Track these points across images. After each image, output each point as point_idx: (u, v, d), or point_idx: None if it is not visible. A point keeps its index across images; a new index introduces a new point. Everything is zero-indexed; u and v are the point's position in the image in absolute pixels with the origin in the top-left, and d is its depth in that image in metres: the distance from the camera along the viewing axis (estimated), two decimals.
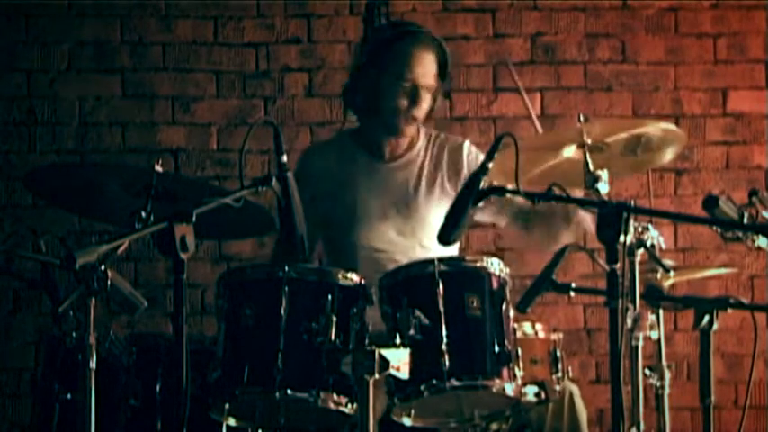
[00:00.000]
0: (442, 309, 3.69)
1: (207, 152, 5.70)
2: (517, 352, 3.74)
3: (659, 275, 4.12)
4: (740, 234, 3.88)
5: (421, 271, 3.77)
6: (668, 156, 4.17)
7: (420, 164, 4.58)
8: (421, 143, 4.61)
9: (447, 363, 3.65)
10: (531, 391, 3.77)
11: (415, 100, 4.43)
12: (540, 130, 4.38)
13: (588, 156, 3.92)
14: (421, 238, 4.47)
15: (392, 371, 3.57)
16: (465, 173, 4.48)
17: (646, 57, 5.77)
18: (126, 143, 5.68)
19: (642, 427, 3.74)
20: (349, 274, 3.78)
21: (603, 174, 3.90)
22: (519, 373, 3.72)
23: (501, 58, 5.72)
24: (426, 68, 4.44)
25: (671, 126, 4.11)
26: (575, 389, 4.14)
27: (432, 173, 4.57)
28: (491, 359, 3.70)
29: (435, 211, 4.44)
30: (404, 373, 3.60)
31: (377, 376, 3.57)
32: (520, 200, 3.87)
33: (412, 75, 4.42)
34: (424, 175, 4.56)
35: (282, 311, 3.69)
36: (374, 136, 4.55)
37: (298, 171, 4.51)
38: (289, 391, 3.64)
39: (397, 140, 4.55)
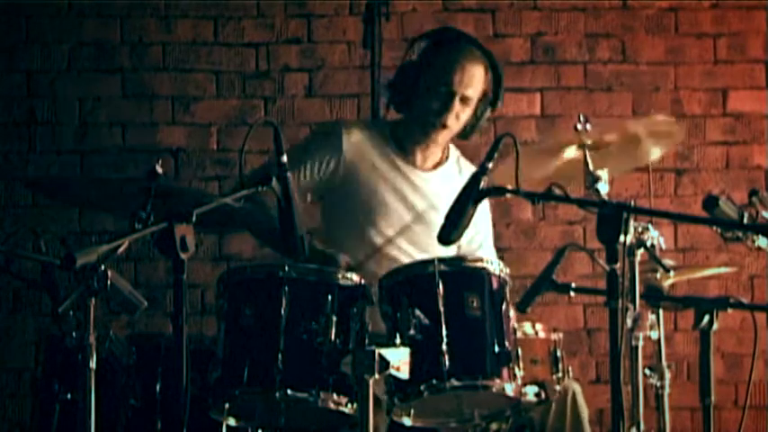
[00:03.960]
0: (442, 309, 3.69)
1: (207, 152, 5.70)
2: (517, 352, 3.74)
3: (659, 275, 4.12)
4: (740, 234, 3.89)
5: (421, 271, 3.78)
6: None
7: (448, 182, 4.49)
8: (451, 160, 4.58)
9: (447, 363, 3.65)
10: (531, 392, 3.77)
11: (447, 106, 4.36)
12: None
13: (588, 156, 3.93)
14: (430, 253, 4.35)
15: (392, 371, 3.57)
16: None
17: (646, 57, 5.77)
18: (126, 143, 5.68)
19: (642, 427, 3.74)
20: (349, 274, 3.78)
21: (603, 174, 3.90)
22: (519, 373, 3.72)
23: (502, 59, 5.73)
24: (468, 79, 4.36)
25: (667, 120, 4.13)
26: (577, 387, 4.14)
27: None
28: (491, 359, 3.70)
29: None
30: (404, 373, 3.59)
31: (377, 376, 3.57)
32: None
33: (451, 80, 4.34)
34: (448, 194, 4.52)
35: (282, 311, 3.69)
36: (407, 139, 4.49)
37: (328, 133, 4.47)
38: (289, 391, 3.64)
39: (427, 148, 4.49)
